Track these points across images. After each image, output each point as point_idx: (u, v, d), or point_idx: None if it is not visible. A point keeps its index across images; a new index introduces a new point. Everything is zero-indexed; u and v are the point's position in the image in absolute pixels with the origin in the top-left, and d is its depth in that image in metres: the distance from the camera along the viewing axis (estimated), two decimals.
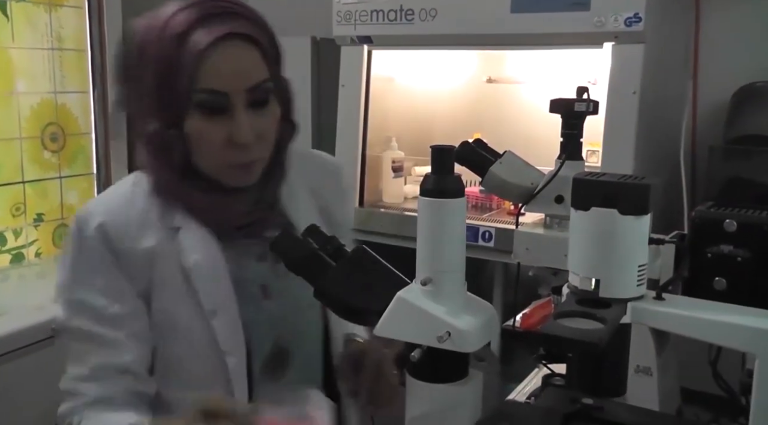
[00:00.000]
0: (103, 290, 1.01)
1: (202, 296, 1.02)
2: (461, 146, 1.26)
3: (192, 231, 1.04)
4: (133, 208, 1.04)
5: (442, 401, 0.85)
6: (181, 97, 0.98)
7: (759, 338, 0.73)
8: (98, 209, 1.04)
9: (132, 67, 1.03)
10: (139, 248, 1.02)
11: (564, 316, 0.75)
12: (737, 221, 0.95)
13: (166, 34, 0.98)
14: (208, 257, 1.04)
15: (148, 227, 1.03)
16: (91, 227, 1.02)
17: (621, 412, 0.84)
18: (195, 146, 1.01)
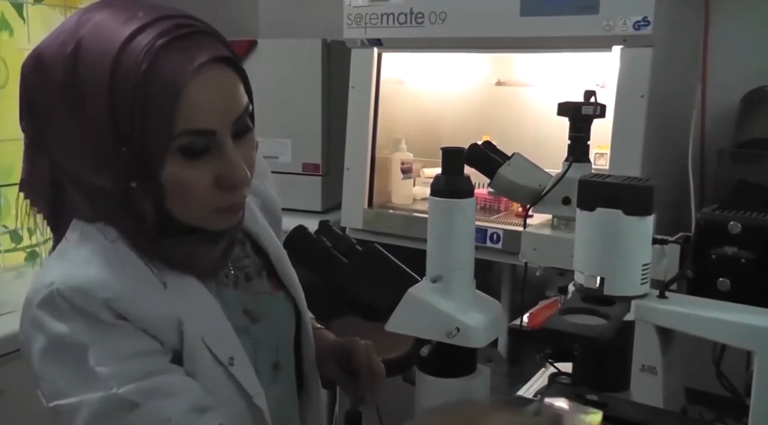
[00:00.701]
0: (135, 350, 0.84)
1: (215, 350, 0.90)
2: (470, 148, 1.28)
3: (178, 284, 0.90)
4: (125, 271, 0.86)
5: (450, 395, 0.87)
6: (156, 144, 0.80)
7: (758, 335, 0.75)
8: (91, 281, 0.83)
9: (61, 106, 0.82)
10: (159, 312, 0.86)
11: (569, 312, 0.77)
12: (742, 223, 0.96)
13: (127, 64, 0.78)
14: (203, 306, 0.91)
15: (151, 286, 0.87)
16: (99, 305, 0.82)
17: (625, 408, 0.86)
18: (174, 195, 0.84)
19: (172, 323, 0.87)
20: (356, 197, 2.28)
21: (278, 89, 2.50)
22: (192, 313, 0.88)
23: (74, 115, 0.81)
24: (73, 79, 0.80)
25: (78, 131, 0.81)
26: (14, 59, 2.25)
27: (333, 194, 2.48)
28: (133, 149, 0.80)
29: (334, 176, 2.48)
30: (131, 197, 0.84)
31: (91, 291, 0.82)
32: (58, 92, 0.81)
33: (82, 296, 0.82)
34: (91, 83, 0.79)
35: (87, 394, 0.80)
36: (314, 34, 2.51)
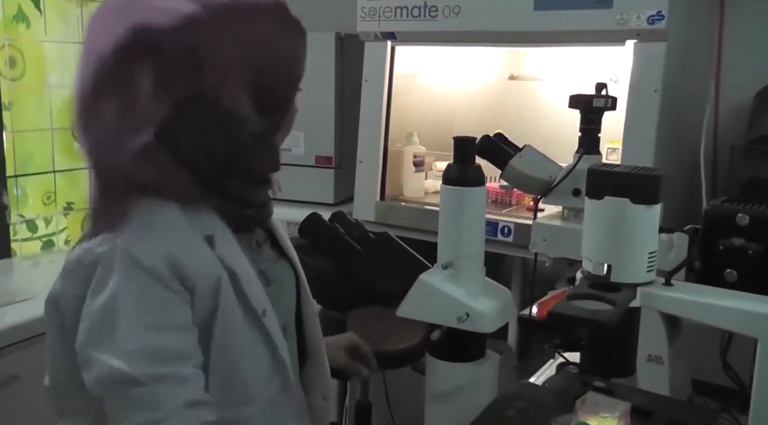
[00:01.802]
0: (168, 325, 0.91)
1: (252, 300, 0.97)
2: (482, 139, 1.30)
3: (223, 234, 0.98)
4: (182, 234, 0.95)
5: (460, 379, 0.89)
6: (297, 84, 1.02)
7: (761, 322, 0.77)
8: (152, 241, 0.93)
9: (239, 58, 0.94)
10: (201, 272, 0.93)
11: (576, 298, 0.79)
12: (749, 215, 0.97)
13: (292, 28, 1.02)
14: (242, 258, 0.99)
15: (200, 249, 0.95)
16: (155, 259, 0.90)
17: (631, 395, 0.88)
18: (288, 124, 1.03)
19: (215, 278, 0.94)
20: (368, 190, 2.30)
21: None
22: (233, 266, 0.96)
23: (249, 75, 0.94)
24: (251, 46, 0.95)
25: (251, 82, 0.95)
26: (31, 51, 2.28)
27: (345, 186, 2.49)
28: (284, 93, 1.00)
29: (346, 169, 2.50)
30: (271, 134, 1.00)
31: (153, 249, 0.91)
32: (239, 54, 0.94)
33: (143, 253, 0.90)
34: (264, 49, 0.96)
35: (104, 356, 0.88)
36: (328, 27, 2.53)
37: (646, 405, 0.88)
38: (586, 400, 0.84)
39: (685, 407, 0.99)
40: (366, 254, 0.94)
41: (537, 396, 0.94)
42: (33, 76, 2.29)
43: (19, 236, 2.28)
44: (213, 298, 0.94)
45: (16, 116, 2.24)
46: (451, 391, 0.90)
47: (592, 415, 0.81)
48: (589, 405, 0.83)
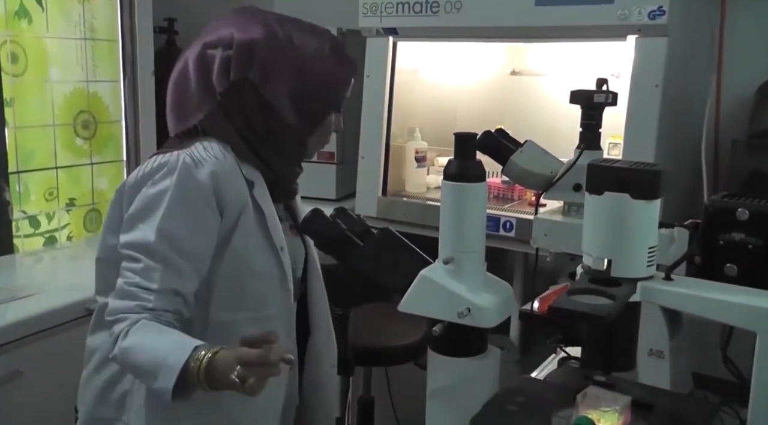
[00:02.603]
0: (195, 228, 1.18)
1: (274, 237, 1.26)
2: (483, 135, 1.30)
3: (261, 186, 1.28)
4: (227, 163, 1.23)
5: (461, 374, 0.90)
6: (339, 100, 1.34)
7: (759, 316, 0.77)
8: (206, 158, 1.22)
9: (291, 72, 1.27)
10: (234, 196, 1.22)
11: (577, 293, 0.79)
12: (749, 210, 0.98)
13: (337, 57, 1.32)
14: (272, 207, 1.29)
15: (237, 181, 1.24)
16: (203, 173, 1.19)
17: (632, 389, 0.88)
18: (323, 133, 1.34)
19: (242, 204, 1.23)
20: (370, 186, 2.30)
21: None
22: (263, 207, 1.26)
23: (298, 80, 1.27)
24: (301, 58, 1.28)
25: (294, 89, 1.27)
26: (33, 47, 2.28)
27: (347, 182, 2.50)
28: (322, 104, 1.31)
29: (348, 165, 2.50)
30: (302, 131, 1.31)
31: (201, 162, 1.21)
32: (290, 65, 1.27)
33: (196, 166, 1.20)
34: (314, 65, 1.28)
35: (145, 226, 1.18)
36: (329, 23, 2.51)
37: (647, 398, 0.88)
38: (587, 394, 0.84)
39: (685, 401, 0.99)
40: (367, 249, 0.94)
41: (538, 391, 0.94)
42: (35, 72, 2.29)
43: (21, 233, 2.29)
44: (236, 218, 1.22)
45: (18, 112, 2.24)
46: (452, 386, 0.91)
47: (593, 409, 0.82)
48: (590, 399, 0.84)
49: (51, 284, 1.93)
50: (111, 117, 2.52)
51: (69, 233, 2.43)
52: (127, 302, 1.16)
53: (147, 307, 1.15)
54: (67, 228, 2.43)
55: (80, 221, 2.46)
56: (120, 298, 1.17)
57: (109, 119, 2.52)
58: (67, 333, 1.76)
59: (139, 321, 1.14)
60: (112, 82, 2.51)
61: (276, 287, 1.28)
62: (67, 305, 1.77)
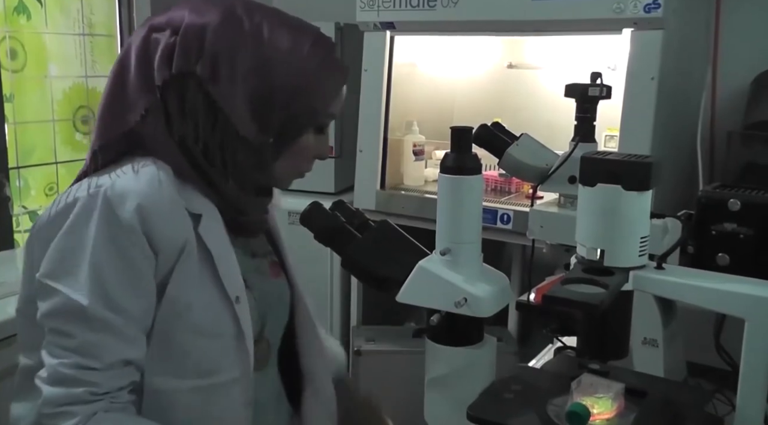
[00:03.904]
0: (131, 280, 0.96)
1: (226, 284, 1.00)
2: (480, 128, 1.32)
3: (211, 219, 1.02)
4: (163, 193, 0.98)
5: (459, 363, 0.92)
6: (313, 118, 1.06)
7: (748, 303, 0.79)
8: (134, 189, 0.97)
9: (249, 71, 1.02)
10: (169, 233, 0.97)
11: (570, 282, 0.81)
12: (741, 200, 1.00)
13: (313, 60, 1.04)
14: (226, 245, 1.03)
15: (178, 214, 0.99)
16: (128, 209, 0.95)
17: (626, 376, 0.90)
18: (295, 156, 1.07)
19: (182, 242, 0.98)
20: (369, 179, 2.32)
21: None
22: (211, 246, 1.00)
23: (253, 81, 1.01)
24: (262, 56, 1.01)
25: (249, 91, 1.01)
26: (32, 43, 2.29)
27: (346, 175, 2.51)
28: (291, 117, 1.03)
29: (347, 158, 2.51)
30: (264, 149, 1.04)
31: (126, 195, 0.96)
32: (249, 62, 1.01)
33: (119, 199, 0.95)
34: (279, 68, 1.01)
35: (65, 288, 0.94)
36: (327, 17, 2.53)
37: (640, 385, 0.90)
38: (582, 382, 0.86)
39: (678, 387, 1.01)
40: (366, 241, 0.96)
41: (534, 379, 0.96)
42: (34, 67, 2.31)
43: (21, 228, 2.30)
44: (174, 261, 0.98)
45: (18, 107, 2.26)
46: (449, 374, 0.92)
47: (587, 396, 0.84)
48: (584, 386, 0.86)
49: None
50: None
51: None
52: (71, 390, 0.92)
53: (98, 393, 0.93)
54: None
55: None
56: (58, 385, 0.93)
57: None
58: None
59: (93, 417, 0.92)
60: None
61: (229, 347, 1.01)
62: None
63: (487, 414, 0.86)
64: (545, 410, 0.87)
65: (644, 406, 0.86)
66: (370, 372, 2.25)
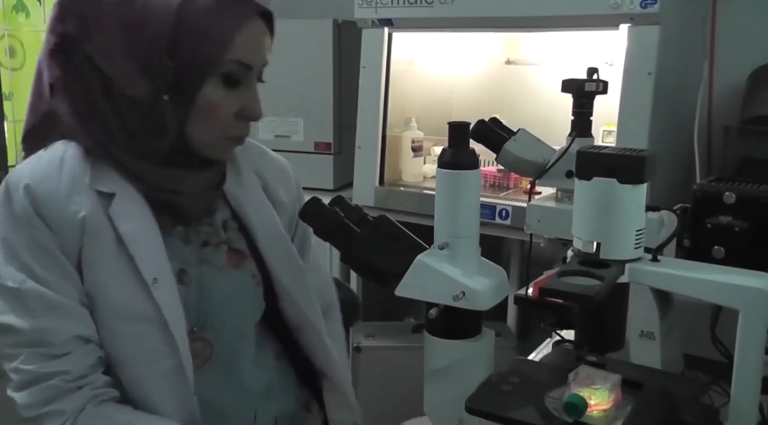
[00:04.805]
0: (45, 257, 0.94)
1: (140, 266, 0.95)
2: (477, 124, 1.32)
3: (128, 199, 0.97)
4: (62, 172, 0.95)
5: (457, 356, 0.93)
6: (208, 64, 0.95)
7: (741, 293, 0.80)
8: (28, 173, 0.95)
9: (115, 22, 0.94)
10: (68, 215, 0.94)
11: (567, 275, 0.82)
12: (736, 193, 1.01)
13: (196, 4, 0.94)
14: (145, 225, 0.98)
15: (79, 193, 0.95)
16: (20, 192, 0.93)
17: (623, 368, 0.91)
18: (201, 115, 0.97)
19: (79, 228, 0.94)
20: (368, 175, 2.33)
21: (290, 69, 2.53)
22: (120, 227, 0.95)
23: (130, 29, 0.94)
24: (134, 4, 0.94)
25: (128, 43, 0.94)
26: (31, 41, 2.30)
27: (345, 172, 2.52)
28: (183, 66, 0.94)
29: (345, 155, 2.52)
30: (160, 109, 0.96)
31: (18, 178, 0.95)
32: (116, 7, 0.95)
33: (14, 185, 0.95)
34: (156, 8, 0.94)
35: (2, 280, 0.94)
36: (325, 14, 2.54)
37: (637, 377, 0.91)
38: (579, 374, 0.87)
39: (675, 379, 1.02)
40: (365, 236, 0.97)
41: (532, 372, 0.97)
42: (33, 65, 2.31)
43: None
44: (77, 242, 0.94)
45: (17, 105, 2.27)
46: (448, 367, 0.93)
47: (584, 387, 0.85)
48: (581, 378, 0.86)
49: None
50: None
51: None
52: (42, 386, 0.91)
53: (70, 379, 0.91)
54: None
55: None
56: (27, 386, 0.92)
57: None
58: None
59: (81, 413, 0.91)
60: None
61: (153, 334, 0.96)
62: None
63: (485, 406, 0.87)
64: (543, 402, 0.88)
65: (641, 397, 0.87)
66: (370, 368, 2.26)
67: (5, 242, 0.94)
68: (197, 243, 1.06)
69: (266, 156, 1.21)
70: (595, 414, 0.83)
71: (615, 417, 0.83)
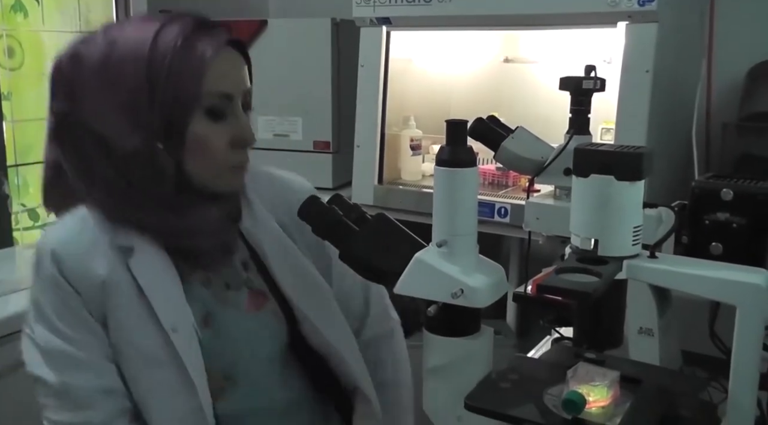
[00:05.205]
0: (71, 314, 1.01)
1: (160, 315, 1.01)
2: (475, 122, 1.33)
3: (146, 250, 1.03)
4: (84, 234, 1.03)
5: (456, 354, 0.93)
6: (188, 102, 0.99)
7: (739, 290, 0.81)
8: (53, 238, 1.04)
9: (97, 84, 1.00)
10: (90, 276, 1.01)
11: (564, 271, 0.82)
12: (733, 190, 1.01)
13: (163, 43, 0.98)
14: (164, 275, 1.04)
15: (100, 253, 1.02)
16: (46, 256, 1.01)
17: (621, 365, 0.91)
18: (195, 152, 1.01)
19: (101, 285, 1.01)
20: (366, 174, 2.33)
21: (289, 68, 2.54)
22: (140, 278, 1.02)
23: (112, 89, 0.99)
24: (109, 61, 1.00)
25: (114, 102, 1.00)
26: (29, 41, 2.30)
27: (343, 171, 2.52)
28: (166, 110, 0.99)
29: (344, 154, 2.53)
30: (156, 157, 1.01)
31: (45, 243, 1.03)
32: (96, 74, 1.00)
33: (41, 249, 1.03)
34: (128, 63, 0.99)
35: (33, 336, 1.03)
36: (323, 13, 2.54)
37: (636, 373, 0.91)
38: (578, 370, 0.87)
39: (673, 375, 1.03)
40: (363, 234, 0.97)
41: (530, 369, 0.97)
42: (32, 65, 2.31)
43: (21, 226, 2.31)
44: (101, 296, 1.01)
45: (16, 105, 2.27)
46: (447, 365, 0.93)
47: (583, 384, 0.85)
48: (580, 375, 0.87)
49: None
50: None
51: None
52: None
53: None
54: None
55: None
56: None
57: None
58: None
59: None
60: None
61: (171, 379, 1.01)
62: None
63: (484, 404, 0.87)
64: (542, 399, 0.88)
65: (639, 394, 0.87)
66: None
67: (36, 303, 1.03)
68: (219, 286, 1.10)
69: (275, 184, 1.23)
70: (593, 410, 0.83)
71: (614, 414, 0.84)
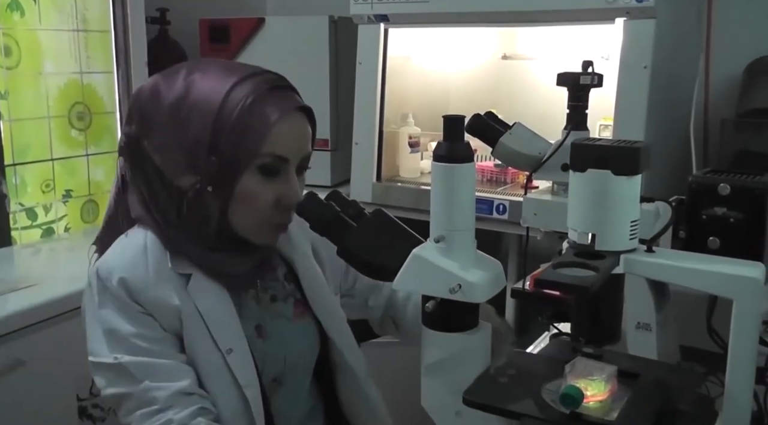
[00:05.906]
0: (140, 326, 1.06)
1: (216, 337, 1.08)
2: (473, 118, 1.33)
3: (200, 279, 1.10)
4: (148, 260, 1.09)
5: (454, 349, 0.93)
6: (244, 158, 1.05)
7: (735, 283, 0.81)
8: (118, 264, 1.08)
9: (169, 121, 1.07)
10: (161, 299, 1.07)
11: (562, 266, 0.82)
12: (731, 185, 1.01)
13: (235, 98, 1.05)
14: (218, 300, 1.11)
15: (165, 278, 1.08)
16: (114, 282, 1.06)
17: (619, 359, 0.91)
18: (241, 203, 1.07)
19: (173, 310, 1.07)
20: (365, 171, 2.33)
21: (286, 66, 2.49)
22: (199, 304, 1.08)
23: (178, 129, 1.06)
24: (182, 103, 1.06)
25: (177, 141, 1.06)
26: (26, 40, 2.29)
27: (342, 168, 2.52)
28: (223, 160, 1.04)
29: (342, 151, 2.52)
30: (203, 199, 1.06)
31: (112, 270, 1.07)
32: (168, 111, 1.07)
33: (107, 275, 1.06)
34: (199, 109, 1.05)
35: (103, 358, 1.05)
36: (321, 10, 2.54)
37: (633, 368, 0.91)
38: (575, 365, 0.88)
39: (671, 369, 1.03)
40: (361, 230, 0.97)
41: (529, 364, 0.98)
42: (29, 64, 2.30)
43: (19, 225, 2.30)
44: (177, 322, 1.07)
45: (13, 104, 2.26)
46: (445, 360, 0.94)
47: (580, 378, 0.85)
48: (577, 369, 0.87)
49: (50, 275, 1.95)
50: (105, 108, 2.54)
51: (66, 224, 2.45)
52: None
53: None
54: (65, 219, 2.45)
55: (77, 213, 2.48)
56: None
57: (103, 110, 2.53)
58: (68, 322, 1.78)
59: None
60: (106, 74, 2.52)
61: (229, 395, 1.09)
62: (66, 296, 1.79)
63: (482, 399, 0.88)
64: (540, 393, 0.88)
65: (637, 388, 0.87)
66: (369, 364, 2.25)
67: (109, 332, 1.05)
68: (266, 299, 1.19)
69: None
70: (591, 404, 0.84)
71: (611, 408, 0.84)
